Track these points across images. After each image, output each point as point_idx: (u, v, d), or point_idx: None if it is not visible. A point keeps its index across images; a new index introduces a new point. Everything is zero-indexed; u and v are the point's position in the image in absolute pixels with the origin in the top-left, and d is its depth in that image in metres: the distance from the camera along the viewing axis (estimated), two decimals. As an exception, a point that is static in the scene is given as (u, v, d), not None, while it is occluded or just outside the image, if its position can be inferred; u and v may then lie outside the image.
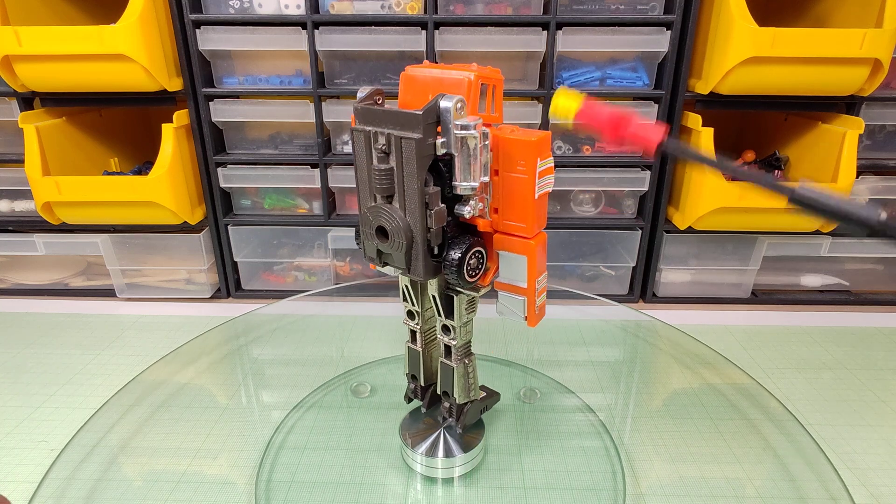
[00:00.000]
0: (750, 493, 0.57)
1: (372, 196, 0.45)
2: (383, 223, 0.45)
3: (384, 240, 0.45)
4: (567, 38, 0.88)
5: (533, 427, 0.67)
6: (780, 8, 1.02)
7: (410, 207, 0.44)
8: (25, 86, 0.89)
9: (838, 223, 0.26)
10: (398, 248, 0.45)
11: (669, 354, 0.84)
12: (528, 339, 0.88)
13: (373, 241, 0.46)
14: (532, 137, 0.43)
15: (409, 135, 0.41)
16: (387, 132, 0.42)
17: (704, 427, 0.67)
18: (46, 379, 0.79)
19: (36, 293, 1.07)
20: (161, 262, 1.04)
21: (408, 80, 0.47)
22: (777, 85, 0.86)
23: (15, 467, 0.63)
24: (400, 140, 0.42)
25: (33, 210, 1.00)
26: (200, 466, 0.61)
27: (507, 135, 0.44)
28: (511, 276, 0.48)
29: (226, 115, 0.94)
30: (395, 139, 0.42)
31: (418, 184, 0.42)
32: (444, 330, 0.53)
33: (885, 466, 0.63)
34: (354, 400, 0.72)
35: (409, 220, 0.44)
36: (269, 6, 0.88)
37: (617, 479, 0.59)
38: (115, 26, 0.82)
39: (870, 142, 0.99)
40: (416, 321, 0.56)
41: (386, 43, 0.89)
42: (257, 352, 0.84)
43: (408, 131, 0.42)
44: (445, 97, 0.42)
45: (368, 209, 0.45)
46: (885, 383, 0.79)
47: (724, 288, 1.05)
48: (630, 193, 1.01)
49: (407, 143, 0.42)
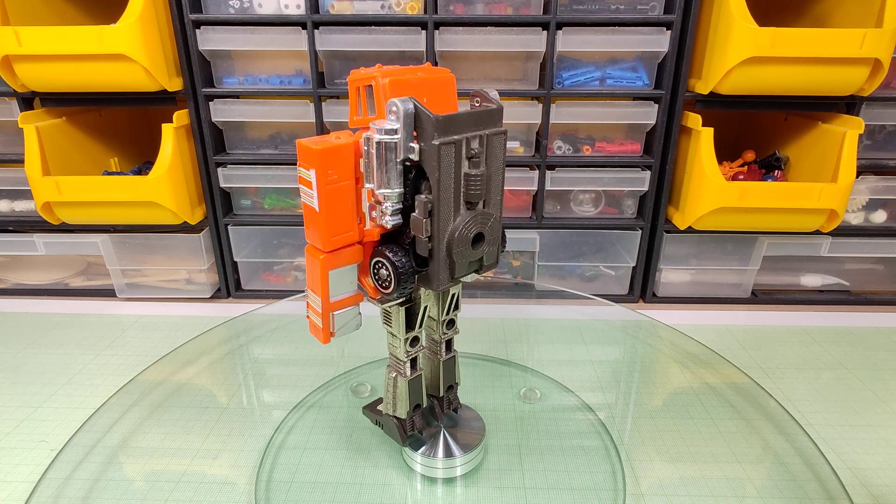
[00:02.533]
0: (750, 493, 0.57)
1: (456, 208, 0.43)
2: (479, 229, 0.44)
3: (478, 246, 0.45)
4: (567, 38, 0.88)
5: (533, 427, 0.67)
6: (780, 8, 1.02)
7: (496, 200, 0.45)
8: (25, 86, 0.89)
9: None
10: (492, 243, 0.45)
11: (669, 354, 0.84)
12: (528, 339, 0.88)
13: (468, 254, 0.44)
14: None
15: (496, 130, 0.43)
16: (478, 134, 0.43)
17: (704, 427, 0.67)
18: (46, 379, 0.79)
19: (36, 293, 1.07)
20: (161, 262, 1.04)
21: (395, 85, 0.46)
22: (777, 85, 0.86)
23: (15, 467, 0.63)
24: (492, 138, 0.43)
25: (33, 210, 1.00)
26: (200, 466, 0.61)
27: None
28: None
29: (226, 115, 0.94)
30: (487, 139, 0.43)
31: (503, 175, 0.45)
32: (450, 325, 0.55)
33: (885, 466, 0.63)
34: (355, 400, 0.72)
35: (496, 214, 0.45)
36: (269, 6, 0.88)
37: (617, 479, 0.59)
38: (116, 26, 0.82)
39: (870, 142, 0.99)
40: (418, 345, 0.53)
41: (386, 43, 0.89)
42: (257, 351, 0.84)
43: (492, 127, 0.43)
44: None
45: (463, 224, 0.43)
46: (885, 383, 0.79)
47: (723, 288, 1.05)
48: (630, 193, 1.01)
49: (497, 138, 0.43)
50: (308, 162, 0.42)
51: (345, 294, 0.47)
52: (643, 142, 0.98)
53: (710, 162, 0.89)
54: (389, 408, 0.55)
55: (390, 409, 0.55)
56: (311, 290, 0.47)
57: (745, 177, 1.01)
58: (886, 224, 1.00)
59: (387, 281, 0.45)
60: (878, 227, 1.00)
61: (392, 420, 0.55)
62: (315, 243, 0.44)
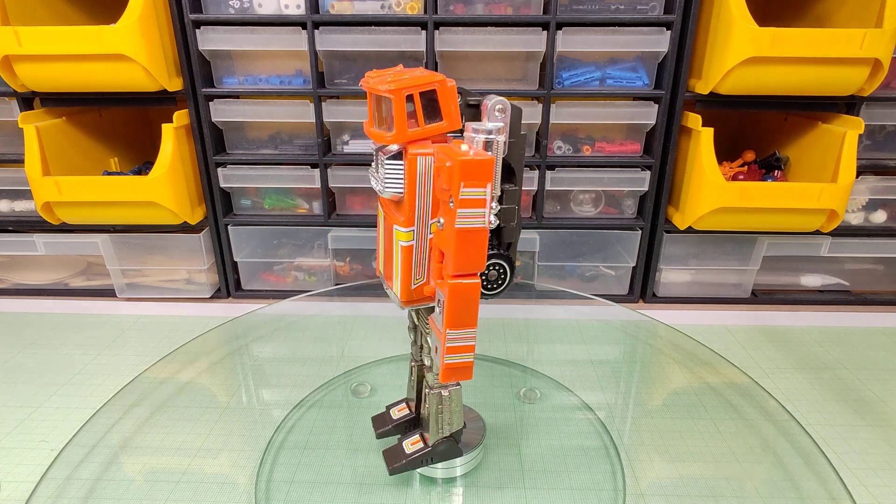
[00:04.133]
0: (750, 493, 0.57)
1: None
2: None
3: None
4: (567, 38, 0.88)
5: (533, 427, 0.67)
6: (780, 8, 1.02)
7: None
8: (25, 86, 0.89)
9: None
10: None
11: (669, 354, 0.84)
12: (528, 339, 0.88)
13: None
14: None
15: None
16: None
17: (704, 427, 0.67)
18: (46, 379, 0.79)
19: (36, 293, 1.07)
20: (161, 262, 1.04)
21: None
22: (777, 85, 0.86)
23: (15, 467, 0.63)
24: None
25: (33, 210, 1.00)
26: (201, 466, 0.61)
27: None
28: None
29: (226, 115, 0.94)
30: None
31: None
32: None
33: (885, 466, 0.63)
34: (355, 400, 0.72)
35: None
36: (269, 6, 0.88)
37: (617, 478, 0.59)
38: (115, 26, 0.82)
39: (870, 142, 0.99)
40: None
41: (386, 43, 0.89)
42: (258, 351, 0.85)
43: None
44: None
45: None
46: (885, 383, 0.79)
47: (723, 288, 1.05)
48: (630, 193, 1.01)
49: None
50: (483, 178, 0.37)
51: None
52: (643, 142, 0.98)
53: (710, 162, 0.89)
54: (446, 429, 0.53)
55: (447, 430, 0.53)
56: (461, 327, 0.42)
57: (745, 177, 1.01)
58: (886, 224, 1.00)
59: (498, 280, 0.46)
60: (878, 228, 1.00)
61: (448, 440, 0.53)
62: (470, 269, 0.40)
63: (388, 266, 0.48)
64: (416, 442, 0.55)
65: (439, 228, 0.40)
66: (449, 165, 0.37)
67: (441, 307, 0.42)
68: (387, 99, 0.41)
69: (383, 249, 0.49)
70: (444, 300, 0.40)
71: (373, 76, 0.43)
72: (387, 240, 0.47)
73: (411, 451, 0.54)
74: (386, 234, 0.47)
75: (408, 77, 0.41)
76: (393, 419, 0.60)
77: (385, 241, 0.48)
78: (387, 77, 0.42)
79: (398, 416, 0.60)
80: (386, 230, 0.47)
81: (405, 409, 0.60)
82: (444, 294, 0.41)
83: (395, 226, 0.45)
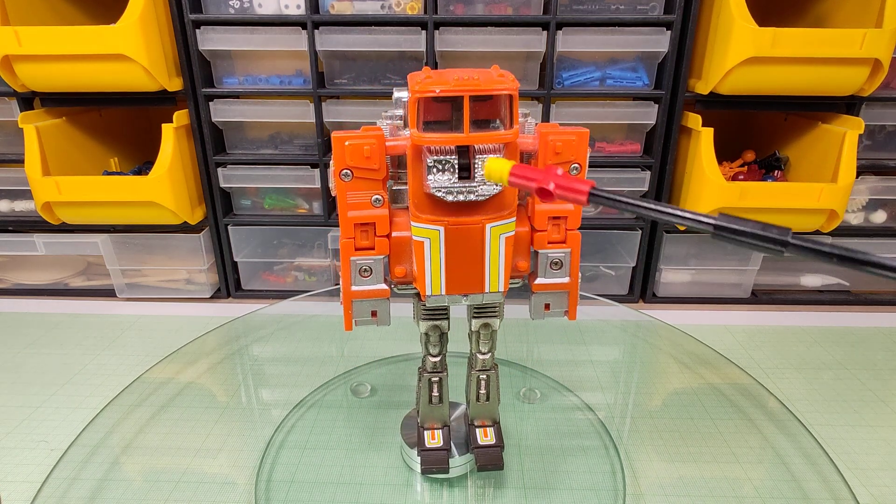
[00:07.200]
0: (750, 493, 0.57)
1: None
2: None
3: None
4: (567, 38, 0.88)
5: (533, 427, 0.67)
6: (780, 8, 1.02)
7: None
8: (25, 86, 0.89)
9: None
10: None
11: (669, 354, 0.84)
12: (528, 339, 0.88)
13: None
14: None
15: None
16: None
17: (704, 427, 0.67)
18: (46, 379, 0.79)
19: (36, 293, 1.07)
20: (161, 262, 1.04)
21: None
22: (777, 85, 0.86)
23: (15, 467, 0.63)
24: None
25: (33, 210, 1.00)
26: (201, 466, 0.61)
27: None
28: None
29: (226, 115, 0.94)
30: None
31: None
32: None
33: (885, 466, 0.63)
34: (354, 400, 0.72)
35: None
36: (269, 6, 0.88)
37: (616, 478, 0.59)
38: (115, 26, 0.82)
39: (870, 142, 0.99)
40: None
41: (386, 43, 0.89)
42: (257, 351, 0.85)
43: None
44: None
45: None
46: (885, 383, 0.79)
47: (724, 288, 1.05)
48: (630, 194, 1.01)
49: None
50: None
51: None
52: (643, 142, 0.98)
53: (710, 162, 0.89)
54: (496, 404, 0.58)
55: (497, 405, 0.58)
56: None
57: (745, 177, 1.01)
58: (886, 224, 1.00)
59: None
60: (878, 228, 1.00)
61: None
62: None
63: (473, 272, 0.47)
64: (486, 435, 0.58)
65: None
66: (573, 139, 0.49)
67: (565, 260, 0.50)
68: (495, 98, 0.43)
69: (457, 263, 0.46)
70: (573, 251, 0.50)
71: (430, 80, 0.40)
72: (467, 249, 0.46)
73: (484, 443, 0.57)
74: (461, 244, 0.46)
75: (488, 76, 0.41)
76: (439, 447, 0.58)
77: (459, 253, 0.46)
78: (462, 77, 0.40)
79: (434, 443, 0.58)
80: (461, 240, 0.45)
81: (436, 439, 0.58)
82: (570, 248, 0.50)
83: (488, 225, 0.45)
